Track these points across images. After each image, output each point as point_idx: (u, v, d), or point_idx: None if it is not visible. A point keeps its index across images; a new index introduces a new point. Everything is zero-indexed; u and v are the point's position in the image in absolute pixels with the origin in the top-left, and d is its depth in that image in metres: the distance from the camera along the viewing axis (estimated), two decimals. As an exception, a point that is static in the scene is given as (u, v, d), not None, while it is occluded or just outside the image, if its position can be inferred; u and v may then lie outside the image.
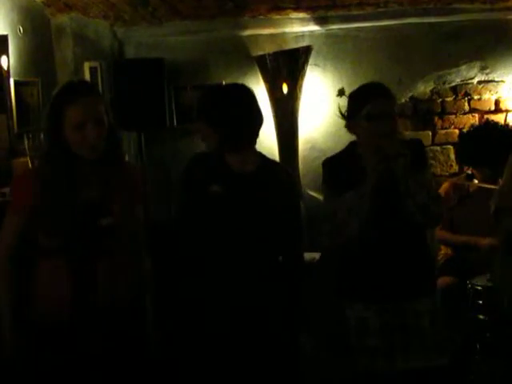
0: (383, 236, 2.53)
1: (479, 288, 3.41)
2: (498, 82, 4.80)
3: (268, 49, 4.75)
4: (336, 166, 2.61)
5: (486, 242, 3.64)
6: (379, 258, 2.55)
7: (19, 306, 2.28)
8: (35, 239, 2.28)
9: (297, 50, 4.67)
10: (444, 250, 3.96)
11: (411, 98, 4.86)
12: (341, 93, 2.83)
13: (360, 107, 2.49)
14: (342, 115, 2.62)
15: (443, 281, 3.60)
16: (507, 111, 4.78)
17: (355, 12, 4.71)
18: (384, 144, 2.40)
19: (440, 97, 4.88)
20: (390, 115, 2.47)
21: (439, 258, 3.99)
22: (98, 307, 2.25)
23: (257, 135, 2.47)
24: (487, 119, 4.58)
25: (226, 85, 2.70)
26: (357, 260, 2.59)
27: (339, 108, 2.64)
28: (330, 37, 4.86)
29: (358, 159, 2.54)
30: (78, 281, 2.24)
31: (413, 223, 2.50)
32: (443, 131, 4.89)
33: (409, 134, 4.69)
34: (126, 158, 4.84)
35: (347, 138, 2.78)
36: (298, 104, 4.69)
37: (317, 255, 4.38)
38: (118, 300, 2.29)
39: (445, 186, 3.99)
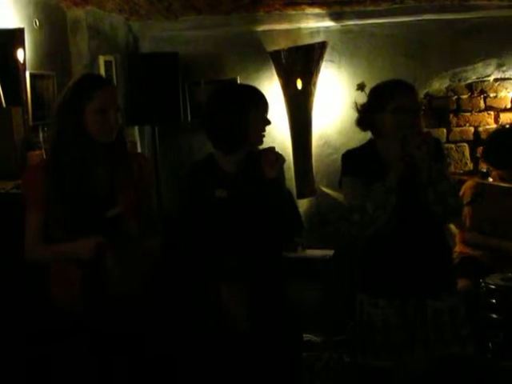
0: (405, 228, 2.57)
1: (492, 287, 3.40)
2: (514, 79, 4.76)
3: (283, 44, 4.73)
4: (356, 159, 2.66)
5: None
6: (402, 250, 2.58)
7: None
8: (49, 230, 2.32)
9: (312, 45, 4.64)
10: (459, 249, 3.92)
11: (426, 94, 4.83)
12: (361, 87, 2.82)
13: (386, 102, 2.56)
14: (358, 110, 2.65)
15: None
16: (523, 109, 4.74)
17: (371, 8, 4.67)
18: (409, 134, 2.47)
19: (455, 94, 4.84)
20: (414, 109, 2.56)
21: (454, 256, 3.96)
22: (110, 298, 2.28)
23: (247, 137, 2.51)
24: None
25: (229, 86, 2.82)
26: (381, 253, 2.62)
27: (355, 102, 2.66)
28: (345, 33, 4.83)
29: (377, 156, 2.59)
30: (87, 272, 2.26)
31: (432, 214, 2.54)
32: (458, 129, 4.86)
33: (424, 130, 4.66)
34: (139, 150, 4.88)
35: (361, 135, 2.78)
36: (312, 100, 4.67)
37: (330, 252, 4.37)
38: (131, 289, 2.31)
39: (468, 184, 3.93)
